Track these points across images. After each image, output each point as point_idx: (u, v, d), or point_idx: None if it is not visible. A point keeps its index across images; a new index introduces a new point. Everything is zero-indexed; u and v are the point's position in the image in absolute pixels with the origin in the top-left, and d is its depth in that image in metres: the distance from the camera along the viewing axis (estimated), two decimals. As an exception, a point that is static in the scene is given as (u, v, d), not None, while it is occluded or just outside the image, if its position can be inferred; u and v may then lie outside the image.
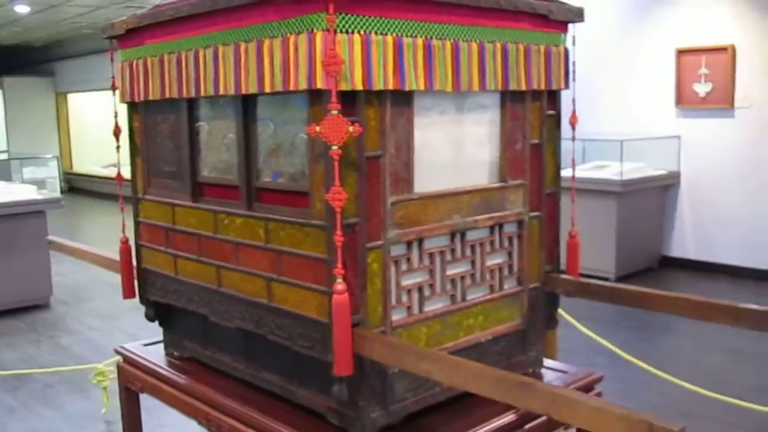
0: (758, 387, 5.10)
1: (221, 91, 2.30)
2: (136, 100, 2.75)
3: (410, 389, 2.28)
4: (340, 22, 1.96)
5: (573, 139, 2.77)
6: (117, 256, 3.22)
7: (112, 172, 16.62)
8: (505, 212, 2.53)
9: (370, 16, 2.03)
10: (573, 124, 2.76)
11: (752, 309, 2.23)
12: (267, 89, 2.12)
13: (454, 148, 2.42)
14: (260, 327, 2.35)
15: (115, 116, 2.90)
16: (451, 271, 2.40)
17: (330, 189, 1.96)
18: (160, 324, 3.02)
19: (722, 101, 8.06)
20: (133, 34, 2.70)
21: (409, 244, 2.26)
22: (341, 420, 2.23)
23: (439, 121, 2.34)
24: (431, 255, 2.34)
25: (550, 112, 2.66)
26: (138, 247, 2.93)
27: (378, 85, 2.05)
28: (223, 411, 2.53)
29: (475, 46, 2.29)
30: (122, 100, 2.84)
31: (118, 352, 3.11)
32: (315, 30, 1.96)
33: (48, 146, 16.75)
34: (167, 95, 2.56)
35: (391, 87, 2.08)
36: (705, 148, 8.27)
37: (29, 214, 7.13)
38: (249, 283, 2.37)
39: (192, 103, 2.57)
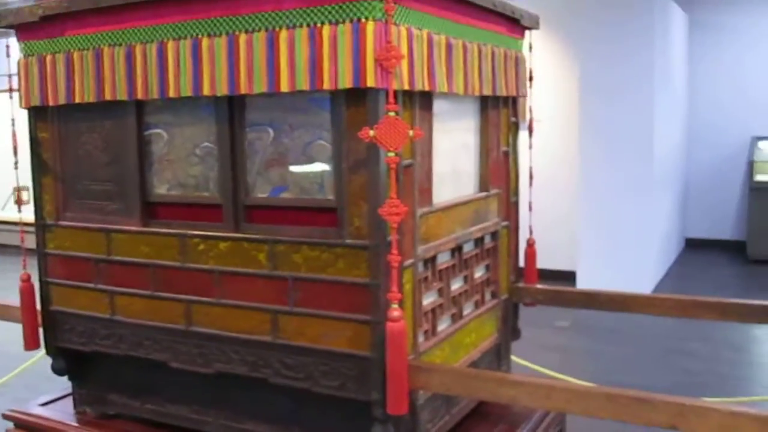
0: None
1: (205, 92, 1.93)
2: (49, 104, 2.24)
3: (430, 420, 2.08)
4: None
5: (530, 146, 2.73)
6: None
7: None
8: (488, 223, 2.42)
9: (411, 9, 1.81)
10: (531, 130, 2.73)
11: (738, 303, 2.33)
12: (284, 88, 1.81)
13: (452, 157, 2.26)
14: (258, 369, 2.00)
15: (13, 124, 2.33)
16: (453, 288, 2.24)
17: (384, 202, 1.71)
18: (71, 378, 2.48)
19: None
20: (48, 22, 2.19)
21: (426, 261, 2.06)
22: None
23: (442, 128, 2.17)
24: (440, 272, 2.15)
25: (514, 119, 2.60)
26: (44, 285, 2.38)
27: (419, 84, 1.84)
28: (195, 473, 2.12)
29: (476, 48, 2.15)
30: (24, 105, 2.30)
31: (8, 417, 2.50)
32: (364, 20, 1.70)
33: None
34: (107, 97, 2.11)
35: (426, 87, 1.88)
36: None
37: None
38: (241, 318, 2.01)
39: (141, 108, 2.14)
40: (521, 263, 2.73)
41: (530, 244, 2.76)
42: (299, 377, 1.94)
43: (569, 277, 8.40)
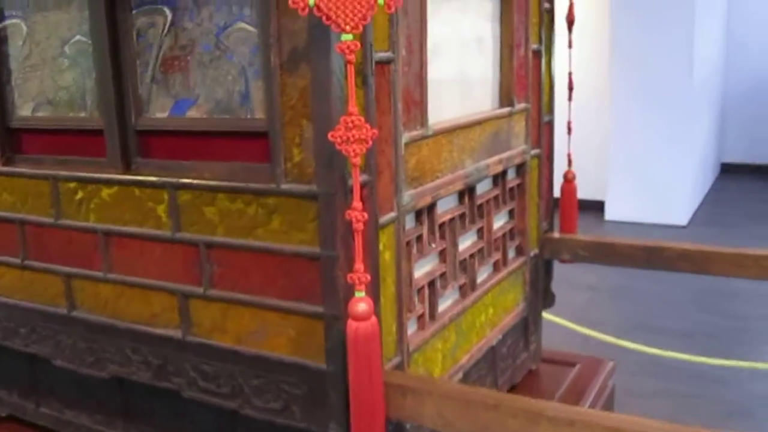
0: (637, 324, 4.81)
1: None
2: None
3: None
4: None
5: (570, 45, 1.98)
6: None
7: None
8: (512, 151, 1.70)
9: None
10: (571, 22, 1.97)
11: None
12: None
13: (458, 56, 1.53)
14: (166, 377, 1.34)
15: None
16: (461, 248, 1.54)
17: (338, 120, 0.99)
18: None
19: None
20: None
21: (419, 213, 1.36)
22: None
23: (443, 11, 1.43)
24: (442, 226, 1.45)
25: (548, 4, 1.85)
26: None
27: None
28: None
29: None
30: None
31: None
32: None
33: None
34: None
35: None
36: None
37: None
38: (137, 302, 1.33)
39: None
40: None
41: (568, 179, 2.04)
42: (223, 393, 1.27)
43: (597, 207, 7.67)
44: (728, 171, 9.74)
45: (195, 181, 1.21)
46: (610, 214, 7.55)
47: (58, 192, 1.39)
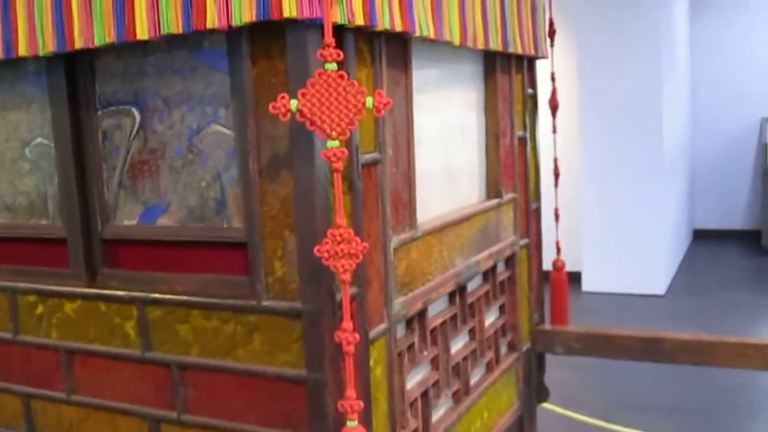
0: (622, 402, 4.69)
1: (20, 51, 1.13)
2: None
3: None
4: None
5: (554, 129, 1.93)
6: None
7: None
8: (501, 244, 1.63)
9: None
10: (555, 107, 1.93)
11: None
12: (143, 34, 1.01)
13: (443, 147, 1.46)
14: None
15: None
16: (453, 351, 1.44)
17: (324, 231, 0.90)
18: None
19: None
20: None
21: (409, 320, 1.26)
22: None
23: (427, 101, 1.37)
24: (433, 331, 1.36)
25: (531, 90, 1.81)
26: None
27: (384, 21, 1.04)
28: None
29: (477, -21, 1.36)
30: None
31: None
32: None
33: None
34: None
35: (398, 28, 1.08)
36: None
37: None
38: (104, 427, 1.21)
39: None
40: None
41: (557, 268, 1.97)
42: None
43: (574, 279, 7.59)
44: (701, 237, 9.79)
45: (167, 296, 1.11)
46: (587, 285, 7.48)
47: (17, 305, 1.28)
